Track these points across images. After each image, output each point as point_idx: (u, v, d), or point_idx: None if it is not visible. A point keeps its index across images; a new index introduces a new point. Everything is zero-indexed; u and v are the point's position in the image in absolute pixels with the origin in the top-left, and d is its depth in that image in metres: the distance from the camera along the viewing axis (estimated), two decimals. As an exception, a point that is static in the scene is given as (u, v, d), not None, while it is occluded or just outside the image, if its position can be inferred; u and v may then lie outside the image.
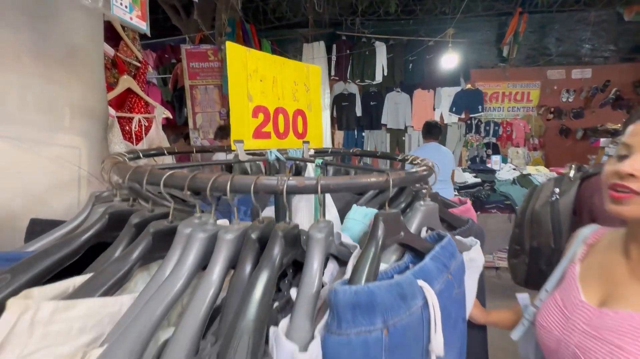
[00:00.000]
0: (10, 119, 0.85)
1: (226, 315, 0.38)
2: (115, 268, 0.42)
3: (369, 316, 0.38)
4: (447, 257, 0.56)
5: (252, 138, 0.73)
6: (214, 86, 3.80)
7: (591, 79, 4.89)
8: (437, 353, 0.46)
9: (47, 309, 0.33)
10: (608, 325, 0.54)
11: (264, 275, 0.39)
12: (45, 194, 0.95)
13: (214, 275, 0.40)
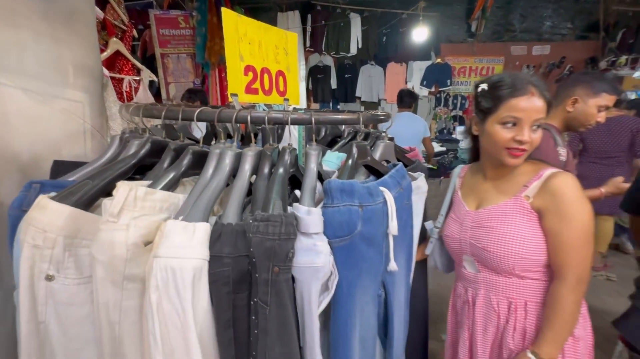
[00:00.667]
0: (27, 73, 0.96)
1: (256, 200, 0.59)
2: (170, 174, 0.61)
3: (350, 197, 0.60)
4: (399, 177, 0.79)
5: (245, 93, 0.89)
6: (186, 55, 3.75)
7: (549, 55, 5.29)
8: (393, 233, 0.70)
9: (142, 190, 0.51)
10: (483, 217, 0.87)
11: (281, 170, 0.59)
12: (58, 143, 1.08)
13: (244, 174, 0.60)
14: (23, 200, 0.65)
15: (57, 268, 0.53)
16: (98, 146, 1.23)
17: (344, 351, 0.60)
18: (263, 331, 0.47)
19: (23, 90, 0.95)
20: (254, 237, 0.46)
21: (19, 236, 0.54)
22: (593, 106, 1.28)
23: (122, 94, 1.50)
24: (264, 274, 0.46)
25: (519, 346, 0.82)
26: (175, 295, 0.43)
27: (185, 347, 0.44)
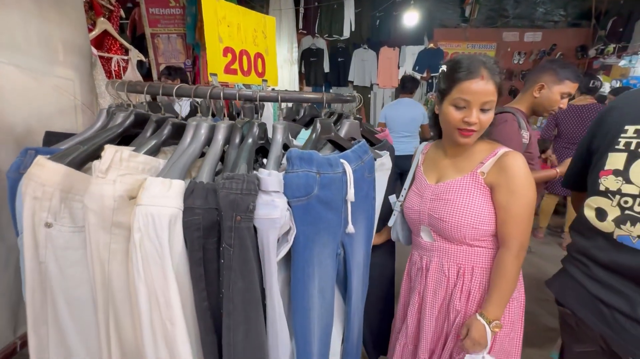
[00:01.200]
0: (19, 50, 1.03)
1: (227, 165, 0.68)
2: (152, 142, 0.70)
3: (308, 165, 0.69)
4: (361, 152, 0.89)
5: (224, 73, 0.96)
6: (177, 35, 3.74)
7: (541, 42, 5.34)
8: (350, 199, 0.80)
9: (126, 153, 0.60)
10: (442, 190, 0.95)
11: (250, 140, 0.69)
12: (50, 117, 1.16)
13: (217, 143, 0.69)
14: (20, 164, 0.74)
15: (54, 217, 0.62)
16: (88, 121, 1.30)
17: (301, 295, 0.71)
18: (228, 269, 0.57)
19: (16, 66, 1.02)
20: (221, 192, 0.56)
21: (21, 190, 0.62)
22: (557, 92, 1.37)
23: (111, 73, 1.56)
24: (229, 222, 0.56)
25: (463, 307, 0.94)
26: (154, 235, 0.53)
27: (163, 278, 0.54)
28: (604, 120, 0.85)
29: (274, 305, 0.64)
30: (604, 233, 0.80)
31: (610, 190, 0.79)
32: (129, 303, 0.60)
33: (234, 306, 0.58)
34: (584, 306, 0.83)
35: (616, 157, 0.78)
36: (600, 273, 0.80)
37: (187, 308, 0.59)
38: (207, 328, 0.61)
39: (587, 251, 0.84)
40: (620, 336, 0.76)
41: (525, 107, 1.46)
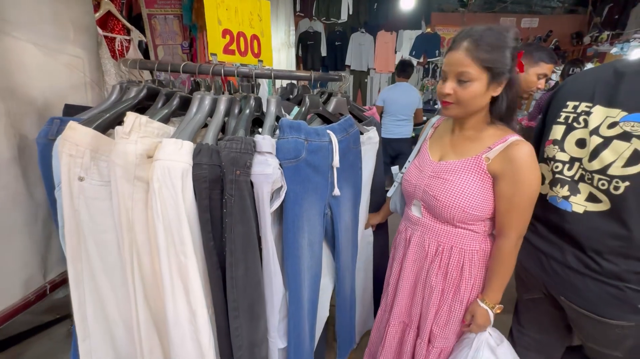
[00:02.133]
0: (35, 28, 1.12)
1: (227, 131, 0.80)
2: (164, 111, 0.81)
3: (297, 132, 0.81)
4: (347, 126, 1.01)
5: (222, 53, 1.06)
6: (173, 16, 3.75)
7: (537, 28, 5.37)
8: (335, 165, 0.92)
9: (144, 119, 0.72)
10: (442, 169, 0.93)
11: (247, 111, 0.81)
12: (64, 92, 1.26)
13: (219, 113, 0.81)
14: (48, 131, 0.86)
15: (85, 172, 0.75)
16: (97, 97, 1.41)
17: (292, 244, 0.85)
18: (230, 215, 0.70)
19: (34, 44, 1.11)
20: (223, 150, 0.68)
21: (56, 149, 0.74)
22: (533, 74, 1.46)
23: (115, 52, 1.64)
24: (230, 175, 0.68)
25: (439, 284, 0.96)
26: (170, 184, 0.66)
27: (178, 219, 0.67)
28: (553, 97, 0.97)
29: (268, 250, 0.78)
30: (542, 194, 0.91)
31: (549, 157, 0.92)
32: (148, 243, 0.73)
33: (235, 246, 0.72)
34: (529, 258, 0.98)
35: (557, 128, 0.91)
36: (540, 228, 0.95)
37: (196, 248, 0.72)
38: (213, 264, 0.74)
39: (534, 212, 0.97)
40: (553, 280, 0.91)
41: None
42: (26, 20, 1.08)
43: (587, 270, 0.84)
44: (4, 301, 1.07)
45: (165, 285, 0.71)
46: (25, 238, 1.12)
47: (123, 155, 0.68)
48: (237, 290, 0.74)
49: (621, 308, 0.81)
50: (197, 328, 0.72)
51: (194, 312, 0.71)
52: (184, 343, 0.74)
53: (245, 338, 0.78)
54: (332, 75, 1.02)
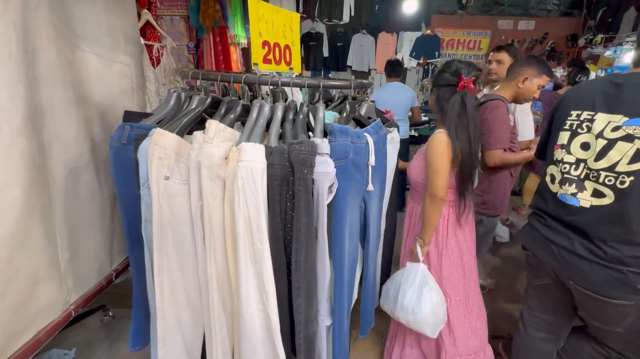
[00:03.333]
0: (96, 41, 1.26)
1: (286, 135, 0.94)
2: (229, 118, 0.95)
3: (345, 136, 0.96)
4: (377, 128, 1.16)
5: (262, 63, 1.19)
6: (179, 17, 3.85)
7: (533, 31, 5.59)
8: (371, 163, 1.07)
9: (222, 125, 0.85)
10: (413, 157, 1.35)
11: (301, 117, 0.95)
12: (116, 97, 1.39)
13: (277, 118, 0.96)
14: (120, 136, 0.97)
15: (171, 173, 0.88)
16: (141, 101, 1.55)
17: (339, 233, 0.99)
18: (297, 207, 0.84)
19: (95, 55, 1.25)
20: (293, 152, 0.82)
21: (144, 152, 0.88)
22: (536, 84, 1.65)
23: (153, 60, 1.76)
24: (298, 174, 0.82)
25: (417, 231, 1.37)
26: (252, 182, 0.79)
27: (257, 211, 0.80)
28: (558, 106, 1.14)
29: (324, 237, 0.92)
30: (553, 192, 1.08)
31: (558, 160, 1.07)
32: (223, 233, 0.87)
33: (300, 234, 0.85)
34: (540, 247, 1.13)
35: (563, 134, 1.07)
36: (550, 221, 1.10)
37: (264, 237, 0.85)
38: (279, 250, 0.88)
39: (543, 207, 1.13)
40: (563, 266, 1.05)
41: (508, 95, 1.72)
42: (90, 33, 1.21)
43: (593, 256, 0.97)
44: (86, 285, 1.23)
45: (240, 268, 0.84)
46: (98, 230, 1.28)
47: (209, 157, 0.82)
48: (300, 273, 0.88)
49: (623, 289, 0.94)
50: (269, 305, 0.85)
51: (266, 292, 0.84)
52: (253, 320, 0.87)
53: (303, 315, 0.92)
54: (366, 83, 1.17)
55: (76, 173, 1.15)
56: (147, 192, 0.90)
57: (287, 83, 1.00)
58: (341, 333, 1.08)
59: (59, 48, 1.06)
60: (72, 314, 1.14)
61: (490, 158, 1.66)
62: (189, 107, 1.02)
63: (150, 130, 0.90)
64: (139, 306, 1.11)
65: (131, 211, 0.99)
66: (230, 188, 0.82)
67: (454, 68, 1.18)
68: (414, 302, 1.25)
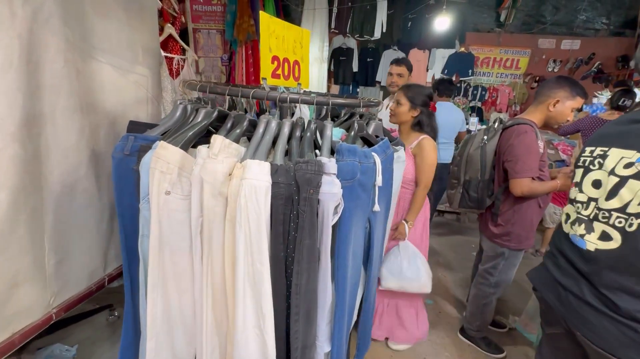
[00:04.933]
0: (114, 53, 1.32)
1: (292, 152, 0.92)
2: (235, 133, 0.94)
3: (353, 156, 0.92)
4: (385, 147, 1.12)
5: (271, 77, 1.19)
6: (216, 31, 4.06)
7: (578, 51, 5.32)
8: (378, 184, 1.02)
9: (227, 141, 0.84)
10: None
11: (308, 134, 0.94)
12: (130, 106, 1.45)
13: (284, 135, 0.94)
14: (123, 146, 0.96)
15: (172, 187, 0.86)
16: (155, 111, 1.61)
17: (343, 255, 0.94)
18: (301, 228, 0.81)
19: (111, 66, 1.31)
20: (299, 171, 0.79)
21: (146, 166, 0.87)
22: (569, 107, 1.54)
23: (172, 71, 1.85)
24: (304, 193, 0.79)
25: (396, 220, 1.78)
26: (255, 200, 0.77)
27: (258, 231, 0.78)
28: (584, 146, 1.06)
29: (327, 260, 0.88)
30: (565, 233, 1.02)
31: (571, 199, 1.02)
32: (222, 253, 0.85)
33: (302, 257, 0.82)
34: (548, 290, 1.03)
35: (578, 172, 1.02)
36: (561, 261, 1.00)
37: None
38: (280, 272, 0.85)
39: (557, 246, 1.05)
40: (571, 314, 0.94)
41: (538, 119, 1.62)
42: (108, 46, 1.28)
43: (603, 307, 0.86)
44: (75, 289, 1.24)
45: (238, 289, 0.81)
46: (94, 235, 1.30)
47: (213, 173, 0.81)
48: (300, 296, 0.84)
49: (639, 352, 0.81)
50: (265, 330, 0.81)
51: (263, 315, 0.81)
52: (248, 344, 0.83)
53: (300, 341, 0.87)
54: (372, 102, 1.14)
55: (74, 179, 1.18)
56: (146, 206, 0.89)
57: (296, 99, 0.99)
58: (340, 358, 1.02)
59: (68, 59, 1.10)
60: (52, 317, 1.14)
61: (517, 187, 1.56)
62: (195, 119, 1.02)
63: (154, 142, 0.90)
64: (128, 322, 1.09)
65: (129, 225, 0.98)
66: (232, 206, 0.80)
67: (428, 92, 1.75)
68: (414, 272, 1.71)
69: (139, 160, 0.92)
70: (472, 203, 1.80)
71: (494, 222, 1.75)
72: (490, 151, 1.71)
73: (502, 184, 1.70)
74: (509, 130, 1.65)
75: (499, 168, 1.71)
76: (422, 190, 1.73)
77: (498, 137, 1.70)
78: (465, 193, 1.82)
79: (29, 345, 1.72)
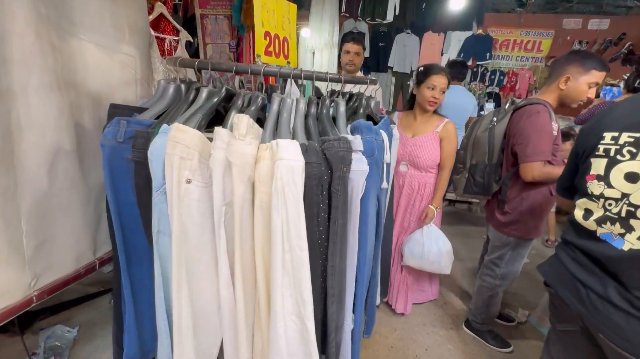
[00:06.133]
0: (97, 30, 1.29)
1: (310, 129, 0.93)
2: (250, 111, 0.93)
3: (371, 133, 0.93)
4: (387, 125, 1.13)
5: (264, 55, 1.17)
6: (223, 16, 4.03)
7: (607, 31, 5.10)
8: (387, 161, 1.05)
9: (252, 121, 0.81)
10: (418, 142, 1.91)
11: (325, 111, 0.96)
12: (117, 88, 1.42)
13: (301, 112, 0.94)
14: (115, 133, 0.88)
15: (193, 175, 0.80)
16: (145, 93, 1.57)
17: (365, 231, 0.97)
18: (335, 208, 0.82)
19: (95, 44, 1.28)
20: (331, 149, 0.80)
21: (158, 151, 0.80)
22: (584, 83, 1.45)
23: (164, 52, 1.84)
24: (337, 172, 0.80)
25: (422, 204, 1.95)
26: (292, 182, 0.74)
27: (297, 214, 0.76)
28: (584, 130, 0.99)
29: (355, 239, 0.91)
30: (589, 230, 0.93)
31: (595, 194, 0.92)
32: (251, 241, 0.83)
33: (337, 237, 0.83)
34: (565, 287, 0.97)
35: (598, 162, 0.91)
36: (583, 258, 0.94)
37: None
38: (316, 256, 0.84)
39: (575, 241, 0.98)
40: (592, 315, 0.89)
41: (552, 99, 1.55)
42: (90, 23, 1.26)
43: (631, 308, 0.82)
44: (59, 272, 1.25)
45: (276, 278, 0.80)
46: (80, 218, 1.30)
47: (242, 156, 0.77)
48: (334, 277, 0.85)
49: None
50: (306, 316, 0.80)
51: (303, 301, 0.80)
52: (287, 332, 0.82)
53: (335, 322, 0.89)
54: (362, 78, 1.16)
55: (53, 159, 1.14)
56: (162, 198, 0.83)
57: (310, 76, 0.98)
58: (358, 335, 1.06)
59: (40, 33, 1.05)
60: (33, 300, 1.14)
61: (528, 172, 1.49)
62: (198, 100, 0.97)
63: (149, 127, 0.85)
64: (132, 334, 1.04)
65: (127, 222, 0.94)
66: (261, 191, 0.79)
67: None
68: (436, 255, 1.88)
69: (134, 148, 0.87)
70: (478, 188, 1.74)
71: (500, 210, 1.68)
72: (499, 133, 1.63)
73: (510, 169, 1.63)
74: (520, 111, 1.57)
75: (508, 151, 1.64)
76: (447, 173, 1.88)
77: (508, 118, 1.62)
78: (471, 178, 1.76)
79: (32, 326, 1.83)
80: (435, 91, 1.79)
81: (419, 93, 1.84)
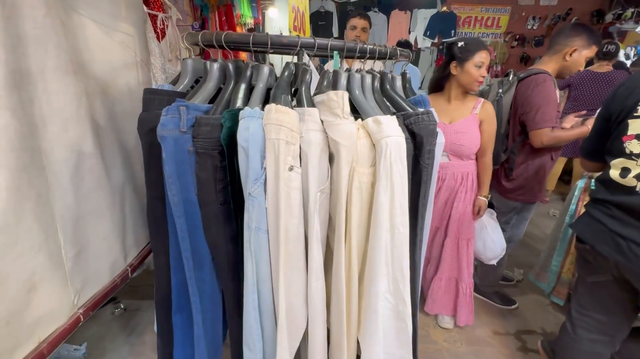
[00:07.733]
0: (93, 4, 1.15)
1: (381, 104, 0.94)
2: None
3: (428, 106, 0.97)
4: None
5: (293, 30, 1.17)
6: (182, -6, 3.78)
7: (556, 7, 5.63)
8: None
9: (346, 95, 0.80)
10: (457, 128, 1.63)
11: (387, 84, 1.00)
12: (118, 70, 1.30)
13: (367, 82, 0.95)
14: (177, 122, 0.82)
15: (294, 161, 0.76)
16: (146, 78, 1.47)
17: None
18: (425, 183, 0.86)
19: (93, 20, 1.16)
20: (421, 123, 0.82)
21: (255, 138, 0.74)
22: (584, 57, 1.61)
23: (157, 32, 1.70)
24: (428, 146, 0.83)
25: (467, 196, 1.71)
26: (399, 159, 0.76)
27: (402, 192, 0.78)
28: (616, 94, 1.09)
29: (430, 212, 0.96)
30: (627, 187, 1.03)
31: (635, 153, 1.01)
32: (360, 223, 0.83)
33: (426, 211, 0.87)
34: (602, 241, 1.07)
35: (637, 123, 1.00)
36: (620, 214, 1.05)
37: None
38: (414, 231, 0.87)
39: (610, 199, 1.08)
40: (633, 263, 1.00)
41: (552, 69, 1.68)
42: None
43: None
44: (97, 284, 1.14)
45: (380, 259, 0.81)
46: (109, 221, 1.19)
47: (350, 136, 0.75)
48: (420, 251, 0.89)
49: None
50: (405, 291, 0.83)
51: (403, 277, 0.82)
52: (382, 311, 0.85)
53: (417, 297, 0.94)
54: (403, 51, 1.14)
55: (78, 157, 1.05)
56: (261, 191, 0.77)
57: (336, 46, 0.91)
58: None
59: (50, 5, 0.94)
60: (80, 319, 1.05)
61: (537, 138, 1.62)
62: (259, 77, 0.90)
63: (205, 112, 0.80)
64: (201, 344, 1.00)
65: (193, 225, 0.88)
66: (361, 171, 0.79)
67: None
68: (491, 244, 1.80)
69: (198, 137, 0.79)
70: None
71: (507, 177, 1.82)
72: (507, 104, 1.74)
73: (517, 137, 1.76)
74: (526, 81, 1.68)
75: (515, 121, 1.75)
76: (490, 157, 1.69)
77: (514, 89, 1.73)
78: None
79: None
80: (482, 69, 1.56)
81: (464, 72, 1.55)
